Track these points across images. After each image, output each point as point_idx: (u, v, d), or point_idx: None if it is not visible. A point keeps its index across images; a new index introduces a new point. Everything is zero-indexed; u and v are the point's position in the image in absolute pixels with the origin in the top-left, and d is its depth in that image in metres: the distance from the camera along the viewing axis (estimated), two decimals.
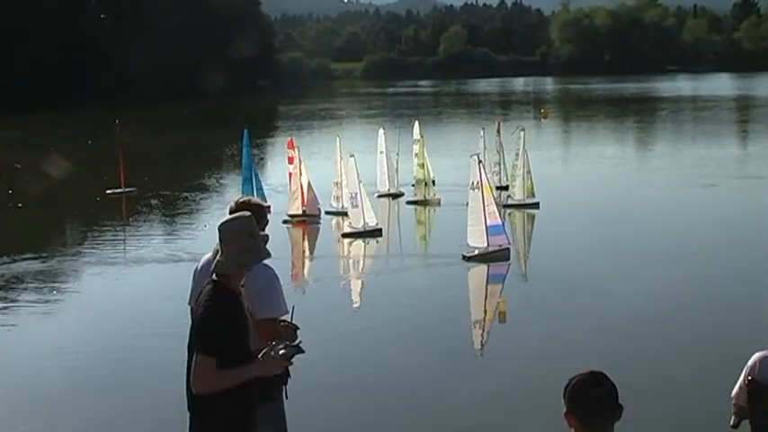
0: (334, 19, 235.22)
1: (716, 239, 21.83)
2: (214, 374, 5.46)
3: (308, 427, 9.38)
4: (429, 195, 26.79)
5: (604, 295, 16.59)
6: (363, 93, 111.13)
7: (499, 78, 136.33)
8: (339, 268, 20.65)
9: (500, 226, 19.56)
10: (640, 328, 14.46)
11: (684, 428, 10.36)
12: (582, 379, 4.14)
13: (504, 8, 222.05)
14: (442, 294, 17.55)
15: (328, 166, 28.03)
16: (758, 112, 68.56)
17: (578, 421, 4.12)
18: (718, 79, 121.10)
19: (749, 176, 32.08)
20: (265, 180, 28.23)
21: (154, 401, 11.63)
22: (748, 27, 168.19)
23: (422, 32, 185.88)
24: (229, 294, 5.68)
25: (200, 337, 5.59)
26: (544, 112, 64.94)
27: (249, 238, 5.72)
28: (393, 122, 47.79)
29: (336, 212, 24.98)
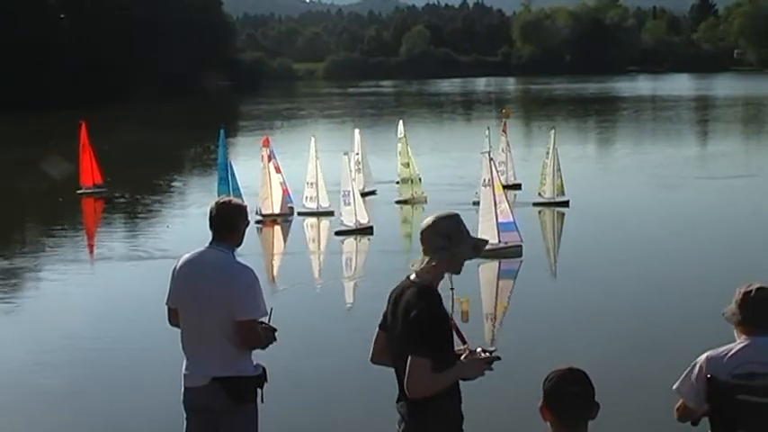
0: (296, 19, 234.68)
1: (701, 236, 22.15)
2: (430, 377, 5.30)
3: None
4: (416, 194, 26.84)
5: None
6: (325, 93, 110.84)
7: (461, 78, 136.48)
8: (331, 267, 20.50)
9: (512, 223, 19.65)
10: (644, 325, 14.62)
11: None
12: (559, 375, 4.20)
13: (466, 9, 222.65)
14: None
15: (293, 166, 28.04)
16: (718, 111, 69.25)
17: (553, 416, 4.19)
18: (678, 80, 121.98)
19: (716, 177, 32.43)
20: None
21: (120, 401, 11.63)
22: (706, 28, 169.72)
23: (384, 33, 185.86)
24: (436, 295, 5.54)
25: (415, 340, 5.36)
26: (506, 113, 64.84)
27: (444, 238, 5.54)
28: (356, 122, 47.71)
29: (310, 213, 24.96)
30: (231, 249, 6.57)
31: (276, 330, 6.61)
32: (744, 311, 5.77)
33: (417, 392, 5.35)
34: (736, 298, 5.81)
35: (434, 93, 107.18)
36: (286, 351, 12.13)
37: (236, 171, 25.43)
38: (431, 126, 60.14)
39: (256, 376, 6.50)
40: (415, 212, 26.18)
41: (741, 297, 5.79)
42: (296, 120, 67.46)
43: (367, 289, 17.92)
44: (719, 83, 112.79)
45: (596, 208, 26.92)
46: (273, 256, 22.29)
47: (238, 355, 6.41)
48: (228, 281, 6.39)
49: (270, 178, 24.42)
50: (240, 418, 6.43)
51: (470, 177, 29.44)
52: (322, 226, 24.54)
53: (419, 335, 5.32)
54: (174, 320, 6.67)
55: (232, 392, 6.36)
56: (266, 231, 24.07)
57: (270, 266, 20.76)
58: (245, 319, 6.34)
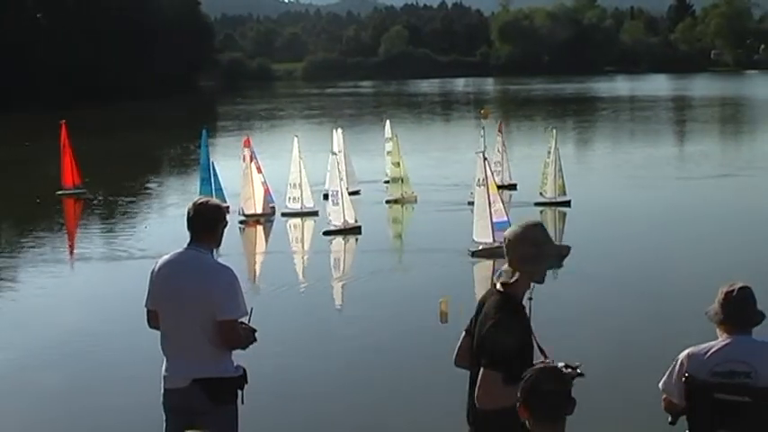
0: (274, 19, 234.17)
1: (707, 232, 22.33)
2: (500, 390, 5.21)
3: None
4: (406, 193, 26.88)
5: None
6: (304, 93, 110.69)
7: (440, 79, 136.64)
8: (318, 267, 20.44)
9: (507, 222, 19.48)
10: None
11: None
12: (536, 373, 4.24)
13: (444, 9, 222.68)
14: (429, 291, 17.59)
15: (273, 167, 28.02)
16: (697, 111, 69.60)
17: (531, 414, 4.22)
18: (656, 80, 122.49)
19: (705, 176, 32.59)
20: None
21: (99, 402, 11.57)
22: (683, 29, 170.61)
23: (362, 33, 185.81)
24: (519, 306, 5.50)
25: (488, 351, 5.32)
26: (484, 113, 64.98)
27: (533, 247, 5.46)
28: (335, 123, 47.57)
29: (295, 213, 24.97)
30: (210, 250, 6.57)
31: (256, 331, 6.60)
32: (725, 311, 5.82)
33: (486, 404, 5.33)
34: (718, 297, 5.88)
35: (413, 93, 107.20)
36: (269, 351, 12.22)
37: (218, 171, 25.45)
38: (410, 126, 60.07)
39: (237, 377, 6.50)
40: (406, 212, 26.33)
41: (723, 297, 5.85)
42: (275, 120, 67.34)
43: (354, 290, 17.97)
44: (697, 83, 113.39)
45: (596, 207, 27.05)
46: (259, 257, 22.30)
47: (218, 355, 6.40)
48: (208, 281, 6.37)
49: (252, 178, 24.39)
50: (220, 419, 6.40)
51: (455, 177, 29.76)
52: (307, 226, 24.56)
53: (492, 347, 5.31)
54: (153, 323, 6.65)
55: (212, 393, 6.35)
56: (250, 232, 24.08)
57: (256, 267, 20.81)
58: (225, 318, 6.33)
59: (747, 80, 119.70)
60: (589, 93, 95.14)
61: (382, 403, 11.49)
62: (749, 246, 20.18)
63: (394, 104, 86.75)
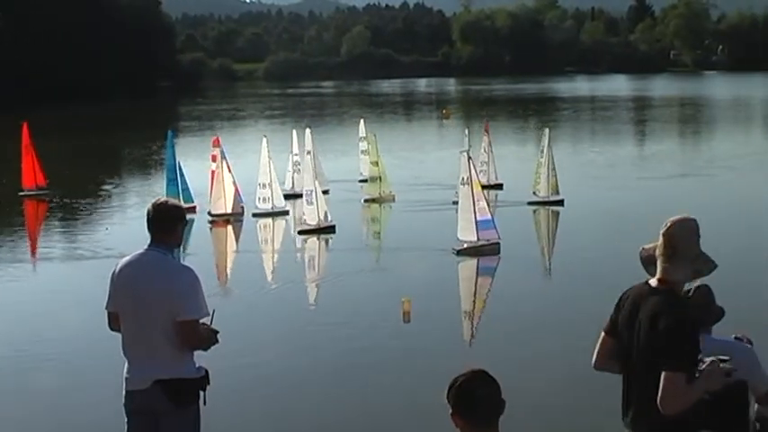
0: (235, 19, 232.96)
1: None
2: (684, 391, 4.98)
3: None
4: (383, 192, 26.98)
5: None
6: (265, 93, 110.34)
7: (402, 79, 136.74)
8: (292, 267, 20.40)
9: (490, 221, 19.89)
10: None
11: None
12: (466, 379, 4.20)
13: (406, 9, 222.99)
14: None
15: (237, 167, 27.95)
16: (658, 111, 70.13)
17: (465, 421, 4.19)
18: (616, 80, 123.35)
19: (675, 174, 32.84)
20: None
21: (59, 403, 11.51)
22: (643, 29, 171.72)
23: (324, 33, 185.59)
24: (685, 302, 5.33)
25: (666, 353, 4.96)
26: (446, 113, 65.46)
27: (698, 242, 5.20)
28: (297, 123, 47.52)
29: (265, 213, 24.97)
30: (170, 250, 6.58)
31: (218, 332, 6.59)
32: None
33: (674, 408, 5.00)
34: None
35: (375, 93, 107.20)
36: (235, 352, 12.21)
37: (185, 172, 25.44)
38: (372, 126, 60.04)
39: (198, 378, 6.49)
40: (384, 211, 26.45)
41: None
42: (236, 121, 67.12)
43: (327, 290, 17.97)
44: (656, 83, 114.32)
45: (586, 206, 27.24)
46: (229, 257, 22.27)
47: (180, 357, 6.40)
48: (168, 282, 6.37)
49: (223, 178, 24.34)
50: (181, 420, 6.41)
51: (426, 177, 30.05)
52: (278, 226, 24.60)
53: (673, 347, 4.97)
54: (114, 325, 6.64)
55: (173, 395, 6.34)
56: (220, 231, 24.02)
57: (226, 267, 20.80)
58: (185, 319, 6.33)
59: (706, 81, 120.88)
60: (550, 93, 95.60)
61: (348, 404, 11.50)
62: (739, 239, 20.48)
63: (356, 105, 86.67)
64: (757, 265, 17.85)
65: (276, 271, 20.26)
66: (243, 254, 22.38)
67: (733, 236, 20.46)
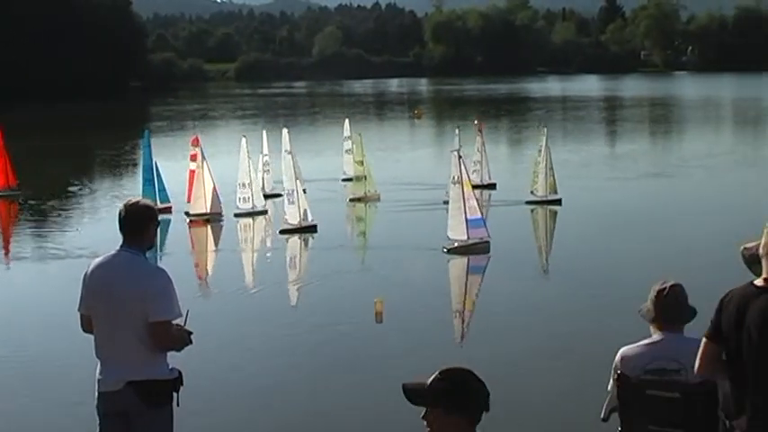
0: (207, 19, 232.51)
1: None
2: None
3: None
4: (368, 192, 26.99)
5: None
6: (236, 94, 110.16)
7: (373, 79, 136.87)
8: (272, 267, 20.31)
9: (480, 220, 19.92)
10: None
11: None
12: (459, 374, 4.14)
13: (378, 10, 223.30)
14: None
15: (212, 166, 27.89)
16: (630, 111, 70.54)
17: (448, 415, 4.09)
18: (587, 80, 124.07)
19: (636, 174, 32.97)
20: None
21: (31, 405, 11.38)
22: (614, 30, 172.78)
23: (296, 33, 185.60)
24: None
25: None
26: (417, 113, 65.58)
27: None
28: (268, 123, 47.62)
29: (246, 213, 24.92)
30: (142, 251, 6.54)
31: (192, 333, 6.56)
32: (658, 309, 5.90)
33: None
34: (650, 296, 5.96)
35: (347, 93, 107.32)
36: (209, 353, 12.14)
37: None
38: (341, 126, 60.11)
39: (172, 379, 6.46)
40: (369, 210, 26.47)
41: (655, 295, 5.95)
42: (207, 120, 66.93)
43: (309, 290, 17.76)
44: (627, 84, 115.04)
45: (585, 205, 27.26)
46: (209, 257, 22.14)
47: (152, 358, 6.37)
48: (140, 282, 6.34)
49: (203, 177, 24.28)
50: (154, 421, 6.37)
51: (406, 177, 30.24)
52: (259, 225, 24.57)
53: None
54: (87, 327, 6.59)
55: (146, 396, 6.30)
56: (199, 232, 23.94)
57: (205, 267, 20.66)
58: (158, 320, 6.29)
59: (676, 81, 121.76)
60: (522, 93, 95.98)
61: (323, 407, 11.42)
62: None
63: (328, 105, 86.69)
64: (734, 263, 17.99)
65: (256, 271, 20.15)
66: (222, 254, 22.31)
67: (728, 233, 20.70)
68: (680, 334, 5.95)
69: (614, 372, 5.98)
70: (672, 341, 5.88)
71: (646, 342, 5.97)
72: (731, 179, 31.65)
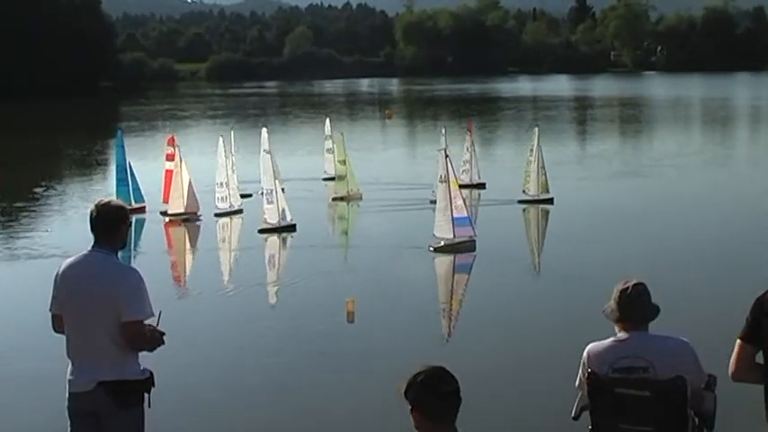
0: (177, 19, 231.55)
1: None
2: None
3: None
4: (351, 191, 27.06)
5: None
6: (207, 94, 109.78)
7: (344, 79, 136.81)
8: (250, 267, 20.12)
9: (467, 218, 20.04)
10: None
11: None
12: (428, 376, 4.19)
13: (349, 9, 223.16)
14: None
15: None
16: (600, 111, 70.85)
17: (426, 417, 4.18)
18: (557, 80, 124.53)
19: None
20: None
21: (5, 408, 11.30)
22: (584, 30, 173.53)
23: (267, 33, 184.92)
24: None
25: None
26: (388, 113, 65.59)
27: None
28: (239, 123, 47.41)
29: (225, 213, 24.91)
30: (114, 251, 6.51)
31: (164, 334, 6.54)
32: (621, 308, 5.93)
33: None
34: (614, 296, 5.99)
35: (317, 93, 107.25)
36: (182, 354, 12.07)
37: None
38: (315, 126, 60.02)
39: (143, 380, 6.44)
40: (351, 209, 26.55)
41: (618, 294, 5.98)
42: (178, 120, 66.63)
43: (288, 290, 17.70)
44: (597, 84, 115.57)
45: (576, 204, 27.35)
46: (186, 257, 22.11)
47: (124, 358, 6.35)
48: (112, 282, 6.32)
49: (181, 177, 24.23)
50: (125, 422, 6.35)
51: (384, 177, 30.34)
52: (237, 225, 24.54)
53: None
54: (58, 327, 6.57)
55: (116, 396, 6.29)
56: (177, 231, 23.90)
57: (182, 268, 20.60)
58: (129, 320, 6.27)
59: (645, 81, 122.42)
60: (493, 93, 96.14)
61: (296, 407, 11.38)
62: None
63: (299, 105, 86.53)
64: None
65: (233, 271, 20.13)
66: (199, 253, 22.30)
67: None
68: (645, 332, 5.98)
69: (583, 370, 6.00)
70: (638, 339, 5.92)
71: (612, 340, 6.00)
72: (706, 178, 32.19)
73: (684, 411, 5.84)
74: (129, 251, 20.01)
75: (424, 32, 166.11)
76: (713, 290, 16.19)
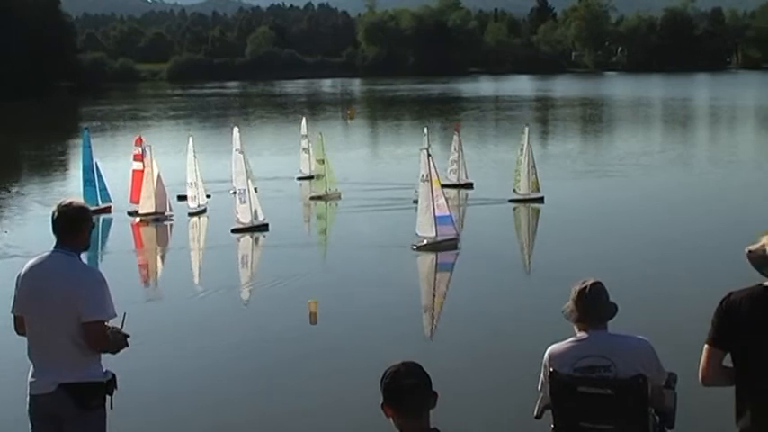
0: (138, 19, 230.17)
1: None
2: None
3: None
4: (330, 190, 27.11)
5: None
6: (168, 94, 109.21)
7: (306, 80, 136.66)
8: (226, 267, 20.00)
9: (448, 217, 20.20)
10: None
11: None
12: (395, 370, 4.25)
13: (310, 10, 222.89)
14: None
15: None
16: (561, 111, 71.20)
17: (394, 411, 4.24)
18: (519, 81, 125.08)
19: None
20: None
21: None
22: (545, 31, 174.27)
23: (228, 33, 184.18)
24: None
25: None
26: (350, 113, 65.61)
27: None
28: (202, 124, 47.13)
29: (195, 213, 24.90)
30: (77, 252, 6.50)
31: (129, 336, 6.52)
32: (580, 308, 5.96)
33: None
34: (572, 296, 6.03)
35: (279, 94, 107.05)
36: (148, 356, 11.97)
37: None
38: (279, 126, 59.98)
39: (105, 382, 6.42)
40: (330, 209, 26.63)
41: (576, 294, 6.02)
42: (138, 121, 66.21)
43: (259, 291, 17.61)
44: (558, 84, 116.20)
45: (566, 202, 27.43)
46: (156, 257, 21.99)
47: (86, 360, 6.33)
48: (74, 283, 6.31)
49: (153, 177, 24.19)
50: (86, 424, 6.33)
51: (354, 177, 30.22)
52: (208, 224, 24.49)
53: None
54: (20, 329, 6.56)
55: (78, 398, 6.27)
56: (147, 232, 23.85)
57: (150, 268, 20.52)
58: (90, 320, 6.25)
59: (606, 81, 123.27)
60: (454, 93, 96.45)
61: (260, 408, 11.31)
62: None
63: (261, 105, 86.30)
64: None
65: (203, 271, 20.05)
66: (169, 254, 22.33)
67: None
68: (604, 331, 6.03)
69: (544, 371, 6.03)
70: (599, 338, 5.98)
71: (573, 339, 6.08)
72: (671, 177, 32.46)
73: (645, 409, 5.95)
74: (97, 251, 19.90)
75: (386, 33, 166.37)
76: (676, 289, 16.29)
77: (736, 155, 39.21)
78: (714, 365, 5.21)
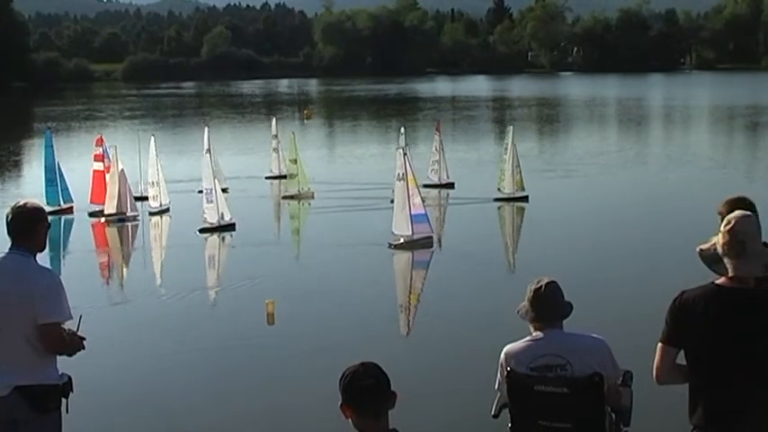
0: (92, 19, 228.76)
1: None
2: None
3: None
4: (302, 190, 27.10)
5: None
6: (123, 94, 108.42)
7: (263, 80, 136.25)
8: (191, 267, 19.80)
9: (424, 215, 20.29)
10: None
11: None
12: (353, 371, 4.25)
13: (267, 10, 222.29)
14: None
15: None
16: (519, 111, 71.49)
17: (353, 412, 4.24)
18: (476, 81, 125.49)
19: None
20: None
21: None
22: (502, 31, 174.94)
23: (184, 33, 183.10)
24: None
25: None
26: (307, 114, 65.56)
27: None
28: (159, 124, 46.73)
29: (157, 212, 24.84)
30: (32, 253, 6.42)
31: (85, 339, 6.45)
32: (536, 307, 6.00)
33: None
34: (527, 295, 6.06)
35: (236, 94, 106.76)
36: (103, 358, 11.87)
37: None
38: (235, 126, 59.77)
39: (61, 384, 6.36)
40: (303, 208, 26.65)
41: (532, 294, 6.06)
42: (93, 121, 65.62)
43: (225, 293, 17.50)
44: (515, 84, 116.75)
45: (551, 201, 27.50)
46: (118, 258, 21.82)
47: (41, 362, 6.27)
48: (28, 284, 6.23)
49: (117, 177, 24.06)
50: (42, 428, 6.27)
51: (320, 177, 29.84)
52: (172, 224, 24.44)
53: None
54: None
55: (34, 401, 6.21)
56: (111, 232, 23.72)
57: (112, 269, 20.35)
58: (46, 322, 6.19)
59: (562, 81, 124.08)
60: (411, 93, 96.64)
61: (215, 414, 11.24)
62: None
63: (217, 105, 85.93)
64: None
65: (165, 271, 19.92)
66: (132, 254, 22.27)
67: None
68: (560, 330, 6.08)
69: (501, 370, 6.05)
70: (554, 337, 6.02)
71: (529, 339, 6.12)
72: (629, 176, 32.74)
73: (602, 407, 6.00)
74: (59, 252, 19.74)
75: (343, 33, 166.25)
76: (632, 288, 16.41)
77: (692, 154, 39.58)
78: (667, 363, 5.22)
